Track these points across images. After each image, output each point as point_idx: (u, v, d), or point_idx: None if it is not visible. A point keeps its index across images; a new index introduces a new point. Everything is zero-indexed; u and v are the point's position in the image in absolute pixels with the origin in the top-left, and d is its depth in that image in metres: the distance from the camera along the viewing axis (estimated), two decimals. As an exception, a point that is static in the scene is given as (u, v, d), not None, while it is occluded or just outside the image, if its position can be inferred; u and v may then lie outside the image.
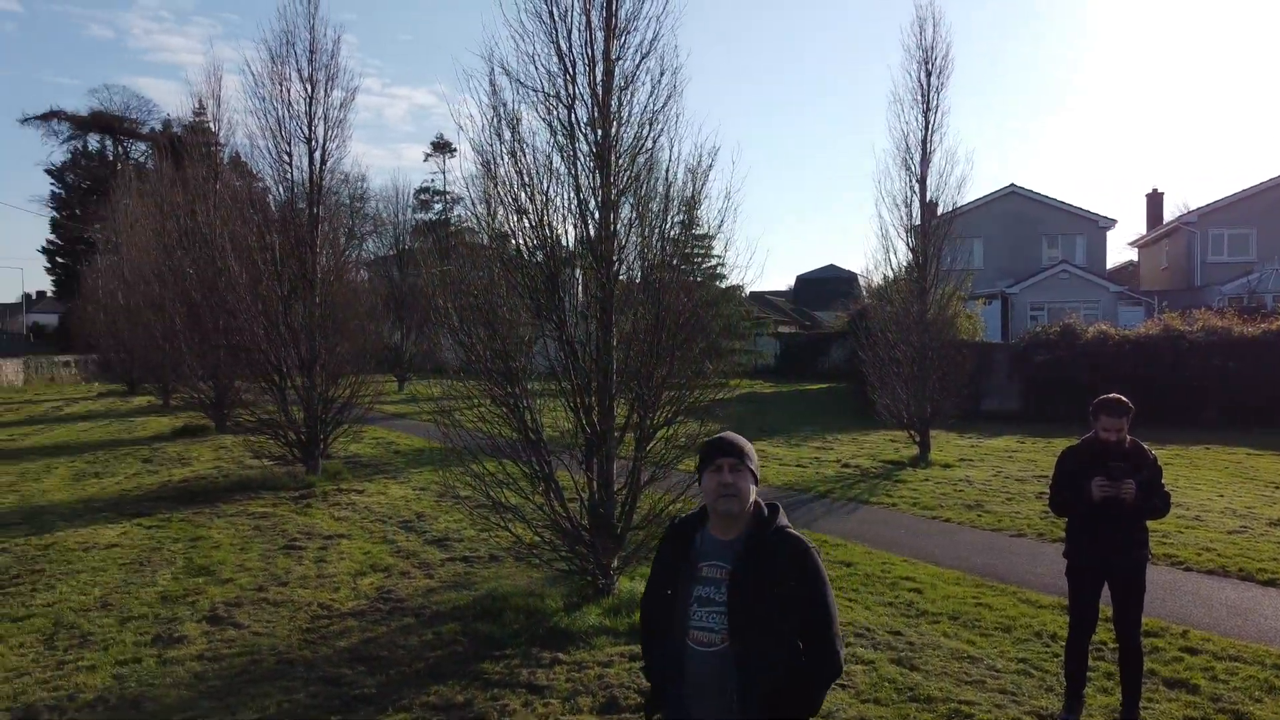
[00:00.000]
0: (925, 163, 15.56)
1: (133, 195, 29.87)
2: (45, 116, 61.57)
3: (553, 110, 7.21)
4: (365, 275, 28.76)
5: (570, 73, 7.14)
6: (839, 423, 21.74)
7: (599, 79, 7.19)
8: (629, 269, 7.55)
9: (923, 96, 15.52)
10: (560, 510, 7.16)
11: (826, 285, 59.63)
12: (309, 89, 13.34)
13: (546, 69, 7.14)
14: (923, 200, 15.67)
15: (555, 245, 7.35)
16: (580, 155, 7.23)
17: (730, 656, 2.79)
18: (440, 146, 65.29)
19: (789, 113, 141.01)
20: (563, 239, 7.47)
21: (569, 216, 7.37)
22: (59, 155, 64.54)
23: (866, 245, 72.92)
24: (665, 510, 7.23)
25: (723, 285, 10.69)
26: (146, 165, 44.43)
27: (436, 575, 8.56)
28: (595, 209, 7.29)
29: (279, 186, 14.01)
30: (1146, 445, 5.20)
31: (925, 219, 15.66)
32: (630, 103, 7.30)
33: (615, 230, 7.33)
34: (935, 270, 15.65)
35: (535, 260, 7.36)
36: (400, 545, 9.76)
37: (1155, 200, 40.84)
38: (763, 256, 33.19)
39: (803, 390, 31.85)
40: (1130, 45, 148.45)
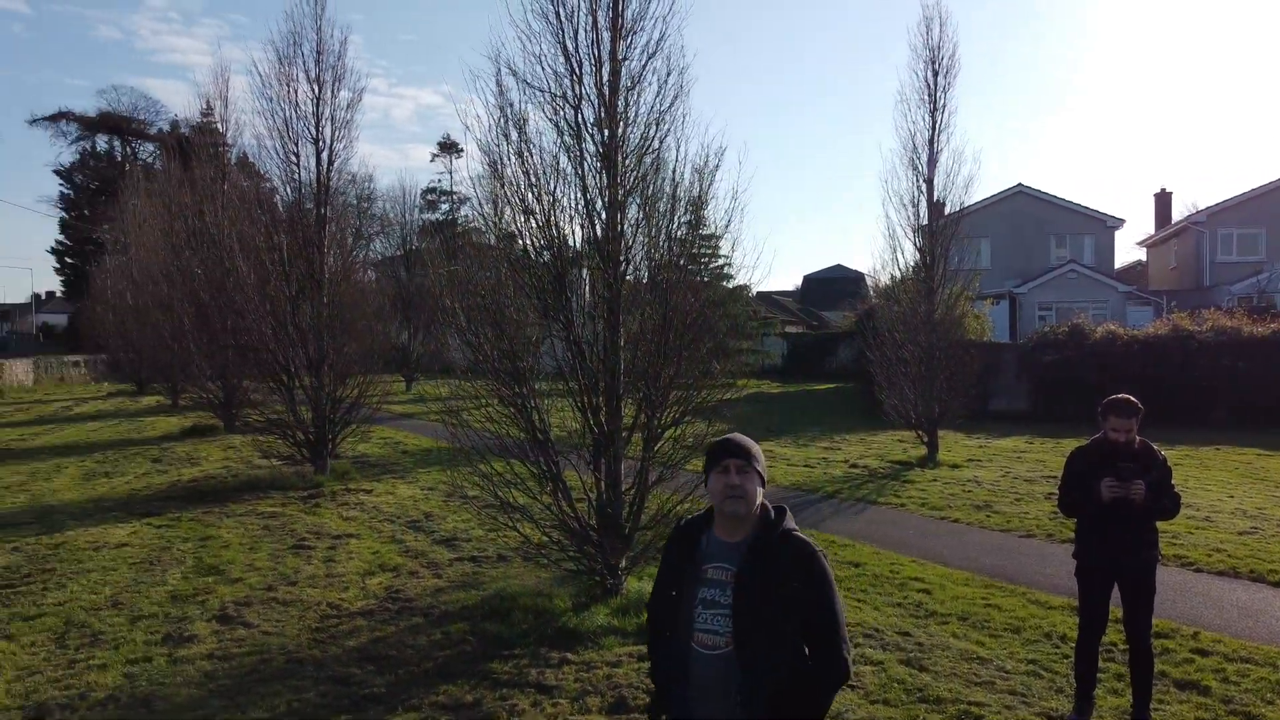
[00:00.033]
0: (932, 162, 15.54)
1: (141, 196, 30.02)
2: (54, 117, 61.91)
3: (559, 110, 7.22)
4: (372, 275, 28.79)
5: (577, 73, 7.14)
6: (846, 423, 21.70)
7: (606, 79, 7.19)
8: (636, 269, 7.56)
9: (929, 96, 15.50)
10: (568, 510, 7.17)
11: (833, 285, 59.59)
12: (316, 90, 13.38)
13: (553, 69, 7.15)
14: (930, 200, 15.64)
15: (562, 245, 7.35)
16: (587, 155, 7.24)
17: (735, 660, 2.77)
18: (447, 147, 65.38)
19: (790, 113, 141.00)
20: (570, 239, 7.49)
21: (576, 217, 7.39)
22: (67, 156, 64.82)
23: (873, 245, 72.69)
24: (673, 510, 7.23)
25: (730, 285, 10.70)
26: (154, 166, 44.64)
27: (445, 575, 8.57)
28: (602, 209, 7.29)
29: (286, 187, 14.05)
30: (1156, 446, 5.19)
31: (932, 219, 15.63)
32: (637, 103, 7.30)
33: (622, 230, 7.33)
34: (943, 270, 15.60)
35: (542, 260, 7.37)
36: (408, 545, 9.78)
37: (1164, 200, 40.70)
38: (769, 256, 33.18)
39: (810, 390, 31.81)
40: (1131, 44, 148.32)
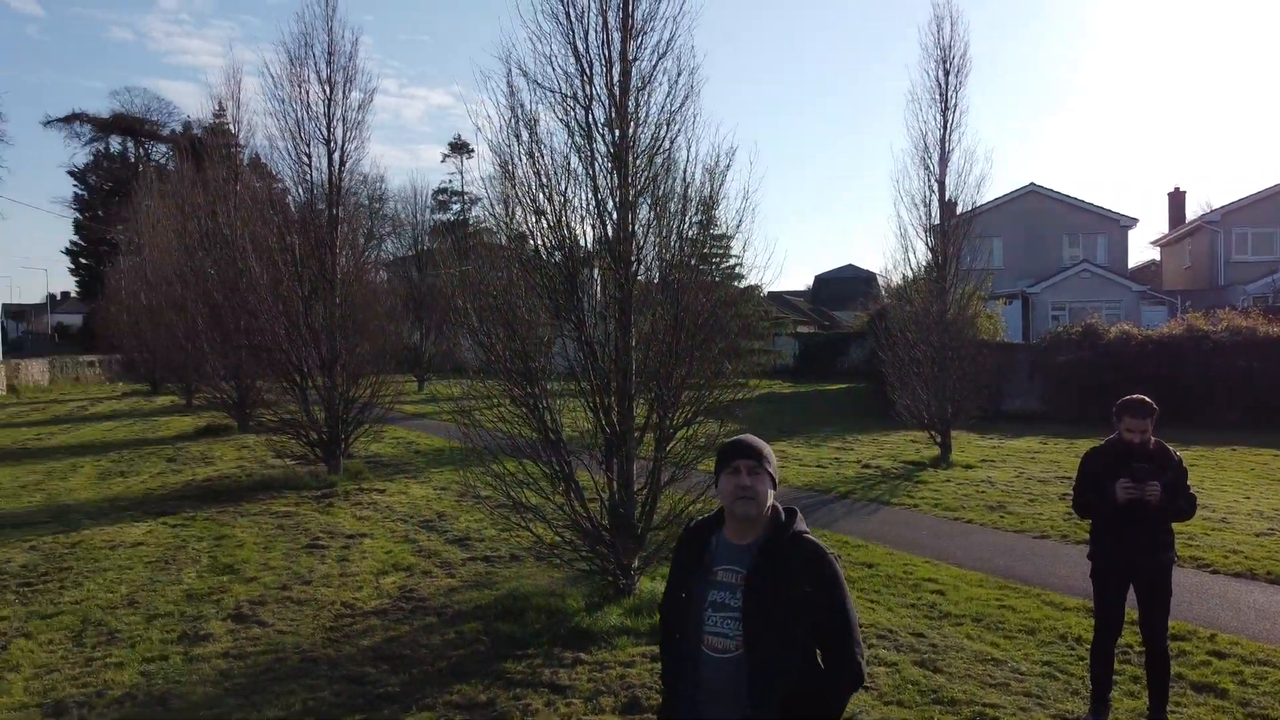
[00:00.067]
0: (944, 162, 15.46)
1: (154, 196, 30.20)
2: (68, 119, 62.39)
3: (570, 111, 7.22)
4: (384, 276, 28.93)
5: (587, 73, 7.14)
6: (859, 423, 21.65)
7: (616, 79, 7.19)
8: (647, 269, 7.55)
9: (941, 95, 15.43)
10: (580, 510, 7.17)
11: (845, 285, 59.41)
12: (327, 91, 13.44)
13: (564, 70, 7.15)
14: (941, 200, 15.57)
15: (574, 246, 7.36)
16: (598, 156, 7.24)
17: (745, 663, 2.73)
18: (458, 147, 65.57)
19: (790, 113, 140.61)
20: (581, 239, 7.49)
21: (587, 217, 7.38)
22: (81, 157, 65.34)
23: (885, 245, 72.42)
24: (685, 510, 7.23)
25: (741, 285, 10.68)
26: (167, 167, 44.89)
27: (458, 575, 8.60)
28: (613, 209, 7.29)
29: (298, 188, 14.14)
30: (1171, 446, 5.15)
31: (944, 218, 15.57)
32: (647, 103, 7.29)
33: (633, 231, 7.33)
34: (955, 270, 15.53)
35: (554, 260, 7.38)
36: (422, 544, 9.82)
37: (1177, 199, 40.41)
38: (781, 256, 33.08)
39: (822, 390, 31.74)
40: (1133, 43, 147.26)
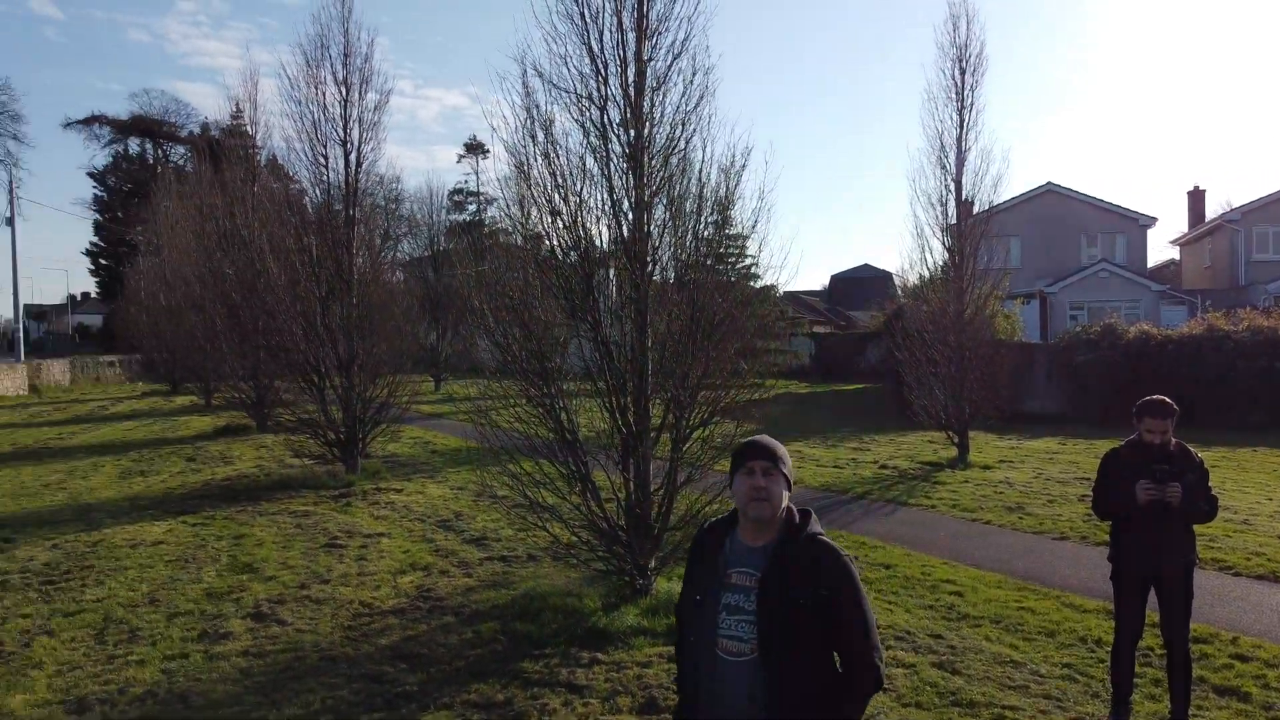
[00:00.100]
0: (960, 161, 15.37)
1: (173, 198, 30.48)
2: (87, 121, 63.02)
3: (585, 111, 7.23)
4: (401, 276, 29.06)
5: (602, 74, 7.15)
6: (875, 423, 21.56)
7: (631, 80, 7.20)
8: (663, 269, 7.55)
9: (957, 94, 15.33)
10: (597, 510, 7.18)
11: (860, 284, 59.21)
12: (344, 92, 13.52)
13: (579, 70, 7.16)
14: (958, 199, 15.48)
15: (589, 246, 7.37)
16: (613, 156, 7.25)
17: (760, 667, 2.71)
18: (473, 148, 65.76)
19: (790, 113, 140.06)
20: (596, 240, 7.49)
21: (603, 217, 7.39)
22: (101, 159, 65.90)
23: (901, 244, 72.12)
24: (702, 511, 7.22)
25: (757, 285, 10.66)
26: (186, 168, 45.29)
27: (475, 574, 8.63)
28: (629, 210, 7.30)
29: (315, 189, 14.23)
30: (1192, 448, 5.11)
31: (961, 217, 15.48)
32: (663, 103, 7.29)
33: (649, 231, 7.34)
34: (972, 269, 15.43)
35: (569, 261, 7.39)
36: (439, 544, 9.86)
37: (1197, 198, 39.99)
38: (797, 256, 32.96)
39: (838, 391, 31.65)
40: (1151, 41, 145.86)
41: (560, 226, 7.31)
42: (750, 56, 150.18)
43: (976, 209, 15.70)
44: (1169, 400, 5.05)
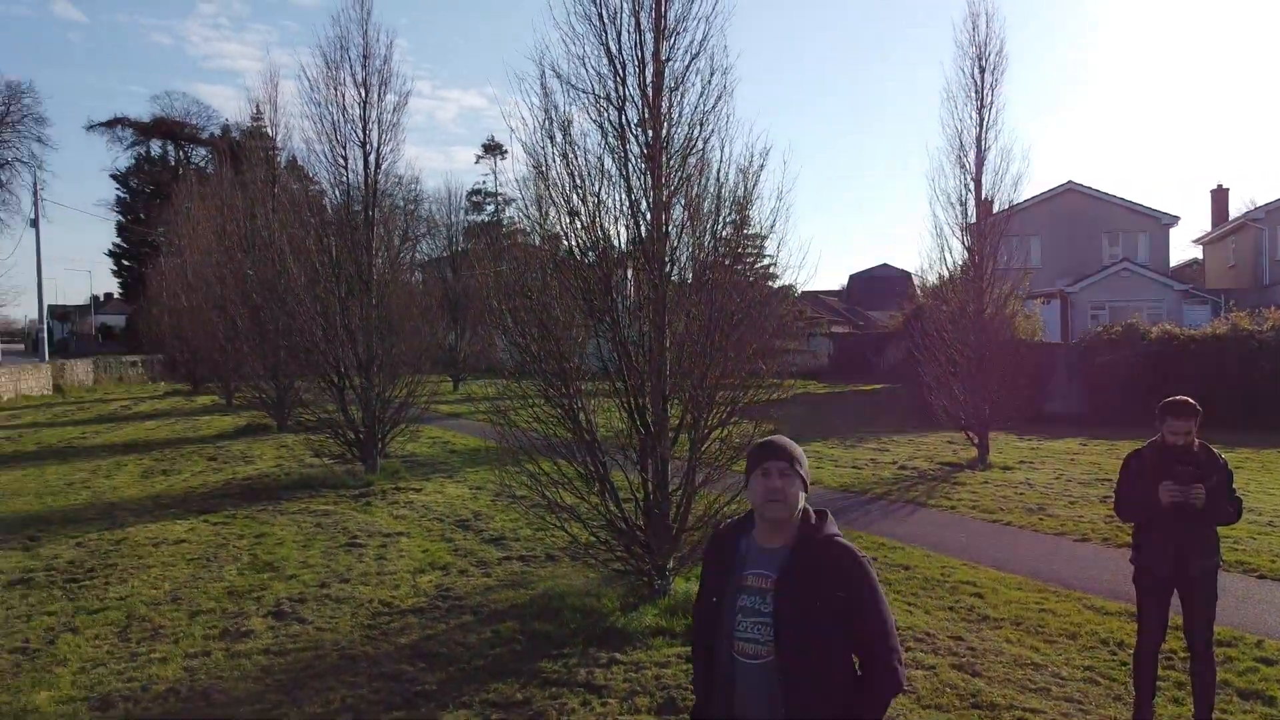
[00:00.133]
0: (980, 160, 15.27)
1: (194, 199, 30.76)
2: (110, 123, 63.78)
3: (603, 112, 7.23)
4: (420, 277, 29.16)
5: (620, 74, 7.15)
6: (895, 424, 21.44)
7: (649, 80, 7.19)
8: (681, 269, 7.55)
9: (977, 93, 15.22)
10: (615, 510, 7.19)
11: (879, 284, 58.89)
12: (363, 94, 13.60)
13: (597, 71, 7.16)
14: (978, 198, 15.38)
15: (607, 246, 7.38)
16: (631, 156, 7.24)
17: (776, 669, 2.68)
18: (491, 148, 66.03)
19: (790, 113, 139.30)
20: (615, 240, 7.50)
21: (621, 217, 7.39)
22: (123, 161, 66.73)
23: (920, 244, 71.63)
24: (720, 511, 7.22)
25: (775, 285, 10.64)
26: (207, 170, 45.73)
27: (494, 574, 8.66)
28: (647, 210, 7.30)
29: (335, 190, 14.30)
30: (1216, 449, 5.04)
31: (981, 217, 15.38)
32: (681, 104, 7.28)
33: (667, 231, 7.33)
34: (992, 269, 15.32)
35: (588, 261, 7.40)
36: (458, 544, 9.90)
37: (1220, 196, 39.49)
38: (815, 256, 32.83)
39: (857, 391, 31.51)
40: (1161, 39, 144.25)
41: (578, 227, 7.32)
42: (750, 56, 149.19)
43: (996, 208, 15.57)
44: (1192, 401, 4.98)
